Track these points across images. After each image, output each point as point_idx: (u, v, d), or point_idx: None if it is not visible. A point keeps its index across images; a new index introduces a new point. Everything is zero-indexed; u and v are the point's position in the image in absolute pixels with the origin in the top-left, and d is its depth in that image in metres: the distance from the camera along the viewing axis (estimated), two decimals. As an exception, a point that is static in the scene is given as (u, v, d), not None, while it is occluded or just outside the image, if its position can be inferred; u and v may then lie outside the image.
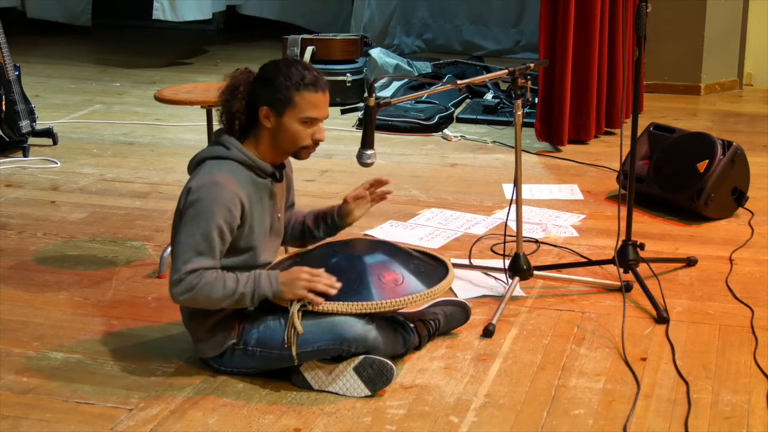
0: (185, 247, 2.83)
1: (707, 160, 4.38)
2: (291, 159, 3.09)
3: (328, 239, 3.26)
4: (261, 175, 2.98)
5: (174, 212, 2.98)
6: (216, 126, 3.93)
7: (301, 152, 2.99)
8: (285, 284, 2.87)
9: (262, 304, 2.93)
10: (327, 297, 2.88)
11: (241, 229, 2.91)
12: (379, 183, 3.24)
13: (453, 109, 6.45)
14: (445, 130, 6.07)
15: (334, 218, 3.23)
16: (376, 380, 2.90)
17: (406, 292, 2.94)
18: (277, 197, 3.06)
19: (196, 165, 2.99)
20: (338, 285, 2.89)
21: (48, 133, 5.76)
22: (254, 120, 2.95)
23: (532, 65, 3.47)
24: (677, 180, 4.46)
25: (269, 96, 2.90)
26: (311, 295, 2.86)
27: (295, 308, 2.86)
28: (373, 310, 2.89)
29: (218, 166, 2.91)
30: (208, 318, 2.95)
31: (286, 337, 2.87)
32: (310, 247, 3.23)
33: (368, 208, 3.26)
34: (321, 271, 2.90)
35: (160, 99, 3.81)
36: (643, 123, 4.49)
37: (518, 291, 3.64)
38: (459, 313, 3.31)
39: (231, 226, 2.87)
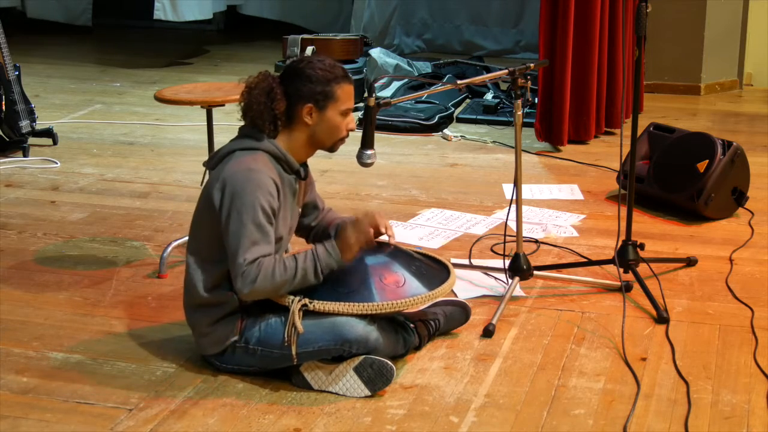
0: (239, 239, 2.83)
1: (707, 160, 4.38)
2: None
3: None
4: (287, 170, 3.00)
5: (199, 209, 2.99)
6: (215, 126, 3.95)
7: (337, 144, 3.05)
8: (342, 247, 2.93)
9: (264, 303, 2.93)
10: (329, 296, 2.89)
11: (276, 216, 2.93)
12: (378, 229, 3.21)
13: (453, 109, 6.45)
14: (445, 130, 6.07)
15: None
16: (376, 380, 2.90)
17: (408, 293, 2.94)
18: (298, 195, 3.08)
19: (222, 158, 2.99)
20: (390, 223, 3.04)
21: (48, 133, 5.76)
22: (291, 119, 2.97)
23: (532, 65, 3.47)
24: (677, 180, 4.46)
25: (311, 92, 2.94)
26: (367, 236, 2.97)
27: (295, 307, 2.86)
28: (375, 312, 2.89)
29: (250, 155, 2.93)
30: (210, 314, 2.96)
31: (286, 336, 2.87)
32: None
33: None
34: (365, 218, 2.99)
35: (160, 99, 3.81)
36: (643, 123, 4.49)
37: (518, 291, 3.64)
38: (459, 313, 3.31)
39: (274, 210, 2.90)
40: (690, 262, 3.92)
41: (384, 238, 3.10)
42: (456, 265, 3.51)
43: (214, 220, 2.91)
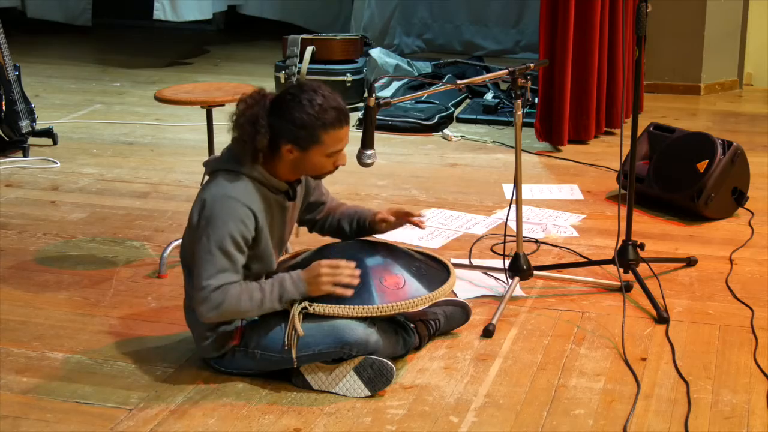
0: (206, 265, 2.83)
1: (707, 160, 4.38)
2: None
3: (330, 241, 3.27)
4: (274, 191, 2.98)
5: (187, 224, 2.98)
6: (215, 126, 3.95)
7: (322, 176, 3.03)
8: (309, 283, 2.88)
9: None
10: (329, 299, 2.89)
11: (255, 242, 2.91)
12: (408, 216, 3.24)
13: (453, 109, 6.45)
14: (445, 130, 6.07)
15: (365, 226, 3.25)
16: (376, 381, 2.90)
17: (408, 295, 2.94)
18: (288, 212, 3.06)
19: (210, 172, 2.99)
20: (358, 272, 2.90)
21: (48, 133, 5.76)
22: (275, 149, 2.92)
23: (532, 65, 3.47)
24: (677, 180, 4.46)
25: (292, 134, 2.87)
26: (339, 289, 2.88)
27: (295, 311, 2.86)
28: (375, 314, 2.89)
29: (230, 180, 2.90)
30: (209, 319, 2.96)
31: (286, 340, 2.87)
32: (313, 248, 3.24)
33: (399, 225, 3.28)
34: (340, 261, 2.91)
35: (160, 99, 3.81)
36: (643, 123, 4.49)
37: (518, 291, 3.64)
38: (459, 313, 3.31)
39: (246, 239, 2.87)
40: (690, 262, 3.92)
41: (397, 238, 3.10)
42: (456, 265, 3.51)
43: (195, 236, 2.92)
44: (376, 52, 7.24)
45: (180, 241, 3.11)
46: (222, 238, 2.83)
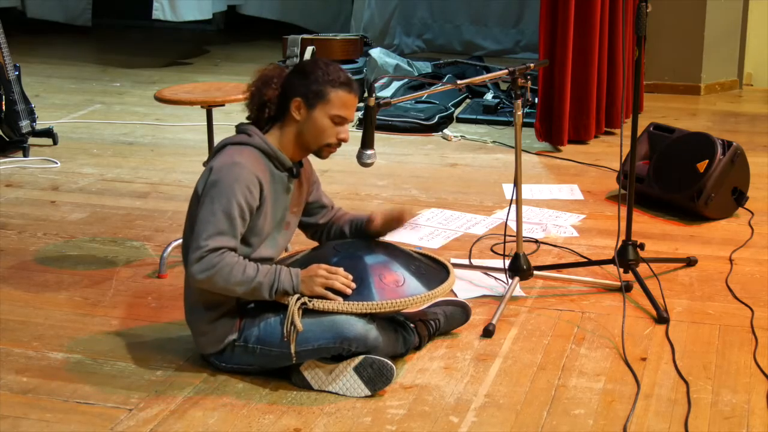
0: (207, 225, 2.83)
1: (707, 160, 4.38)
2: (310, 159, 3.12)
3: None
4: (279, 167, 3.00)
5: (191, 196, 2.98)
6: (215, 126, 3.95)
7: (323, 150, 3.03)
8: (304, 281, 2.90)
9: (264, 301, 2.93)
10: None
11: (257, 212, 2.92)
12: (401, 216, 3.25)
13: (453, 109, 6.45)
14: (445, 130, 6.07)
15: (362, 230, 3.26)
16: (376, 380, 2.90)
17: (407, 293, 2.94)
18: (292, 194, 3.07)
19: (215, 153, 3.01)
20: (353, 285, 2.91)
21: (48, 133, 5.76)
22: (283, 112, 2.99)
23: (532, 65, 3.47)
24: (677, 180, 4.46)
25: (304, 88, 2.95)
26: (330, 294, 2.88)
27: (295, 306, 2.86)
28: (374, 311, 2.89)
29: (238, 150, 2.94)
30: (209, 312, 2.96)
31: (285, 334, 2.87)
32: (313, 246, 3.25)
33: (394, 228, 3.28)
34: (339, 269, 2.92)
35: (160, 99, 3.81)
36: (643, 123, 4.49)
37: (518, 291, 3.64)
38: (459, 313, 3.31)
39: (251, 206, 2.89)
40: (690, 262, 3.92)
41: (393, 238, 3.11)
42: (456, 265, 3.51)
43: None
44: (376, 52, 7.25)
45: (180, 241, 3.11)
46: (228, 202, 2.84)
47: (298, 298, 2.87)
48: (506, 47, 8.69)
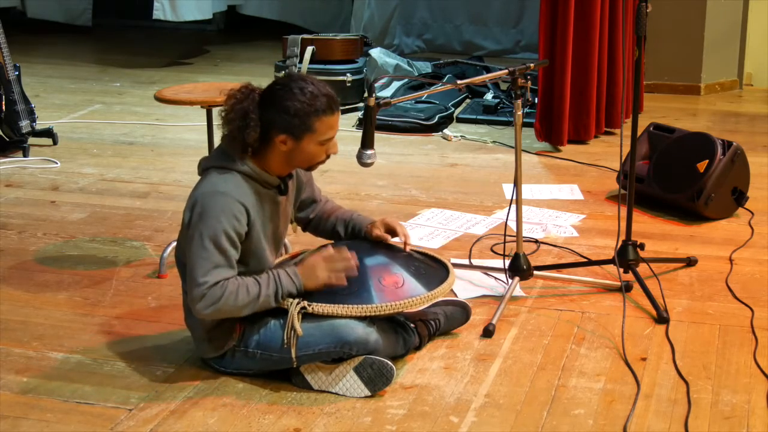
0: (202, 261, 2.82)
1: (707, 160, 4.38)
2: None
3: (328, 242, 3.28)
4: (266, 186, 2.98)
5: (182, 222, 2.97)
6: (215, 126, 3.94)
7: (315, 166, 3.02)
8: (305, 276, 2.89)
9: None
10: (328, 299, 2.89)
11: (248, 236, 2.91)
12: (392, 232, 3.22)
13: (453, 109, 6.45)
14: (445, 130, 6.07)
15: (361, 235, 3.23)
16: (376, 380, 2.90)
17: (407, 294, 2.94)
18: (281, 207, 3.06)
19: (202, 171, 2.99)
20: (355, 262, 2.90)
21: (48, 133, 5.76)
22: (266, 143, 2.92)
23: (532, 65, 3.47)
24: (677, 180, 4.46)
25: (286, 123, 2.87)
26: (335, 278, 2.88)
27: (294, 310, 2.86)
28: (374, 313, 2.89)
29: (222, 177, 2.90)
30: (209, 319, 2.95)
31: (285, 339, 2.87)
32: (311, 249, 3.24)
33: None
34: (332, 252, 2.92)
35: (160, 99, 3.81)
36: (643, 123, 4.49)
37: (518, 291, 3.64)
38: (459, 313, 3.31)
39: (239, 234, 2.87)
40: (690, 262, 3.92)
41: (396, 240, 3.10)
42: (456, 265, 3.51)
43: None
44: (376, 52, 7.24)
45: (179, 241, 3.10)
46: (216, 234, 2.82)
47: (298, 302, 2.87)
48: (506, 47, 8.69)
